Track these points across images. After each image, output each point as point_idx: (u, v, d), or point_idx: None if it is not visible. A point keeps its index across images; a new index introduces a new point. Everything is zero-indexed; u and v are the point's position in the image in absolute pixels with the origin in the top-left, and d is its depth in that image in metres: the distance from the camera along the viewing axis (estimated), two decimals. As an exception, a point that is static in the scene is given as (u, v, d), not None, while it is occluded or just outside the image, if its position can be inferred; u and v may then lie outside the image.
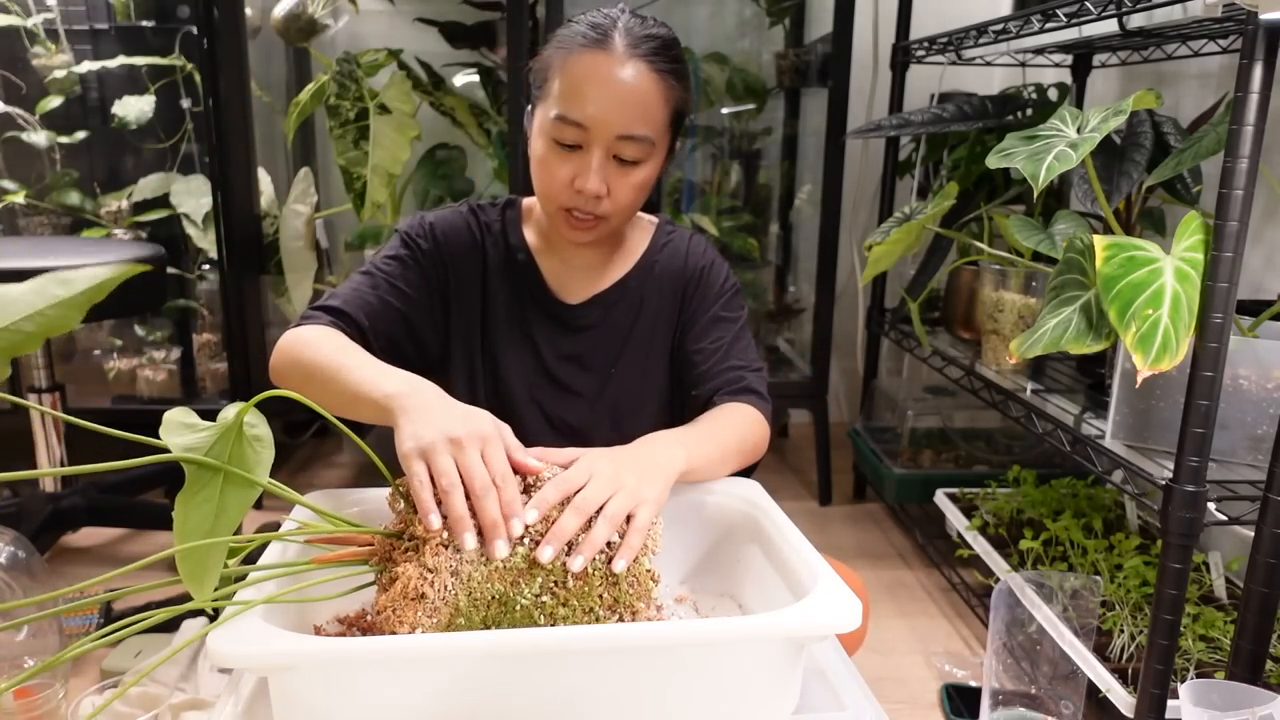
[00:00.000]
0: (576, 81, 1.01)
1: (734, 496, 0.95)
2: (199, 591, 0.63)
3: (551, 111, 1.02)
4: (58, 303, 0.59)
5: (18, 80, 2.19)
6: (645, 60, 1.01)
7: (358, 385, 0.89)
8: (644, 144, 1.03)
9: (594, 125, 1.00)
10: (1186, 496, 1.05)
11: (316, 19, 2.16)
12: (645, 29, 1.03)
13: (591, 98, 1.00)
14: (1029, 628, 1.24)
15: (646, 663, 0.69)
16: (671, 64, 1.04)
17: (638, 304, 1.18)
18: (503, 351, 1.16)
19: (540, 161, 1.05)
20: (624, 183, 1.04)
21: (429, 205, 2.26)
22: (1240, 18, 1.12)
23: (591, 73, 1.00)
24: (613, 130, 1.01)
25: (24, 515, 1.77)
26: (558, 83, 1.02)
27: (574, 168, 1.03)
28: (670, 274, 1.19)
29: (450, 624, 0.70)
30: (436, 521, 0.72)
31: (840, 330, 2.34)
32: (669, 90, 1.03)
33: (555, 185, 1.04)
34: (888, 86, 2.16)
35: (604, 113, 1.00)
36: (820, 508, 2.26)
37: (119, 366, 2.24)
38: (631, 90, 1.00)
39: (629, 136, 1.01)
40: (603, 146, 1.01)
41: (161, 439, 0.65)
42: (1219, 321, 1.01)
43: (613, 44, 1.01)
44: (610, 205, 1.05)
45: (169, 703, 1.12)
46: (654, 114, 1.03)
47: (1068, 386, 1.57)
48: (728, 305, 1.19)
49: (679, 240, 1.22)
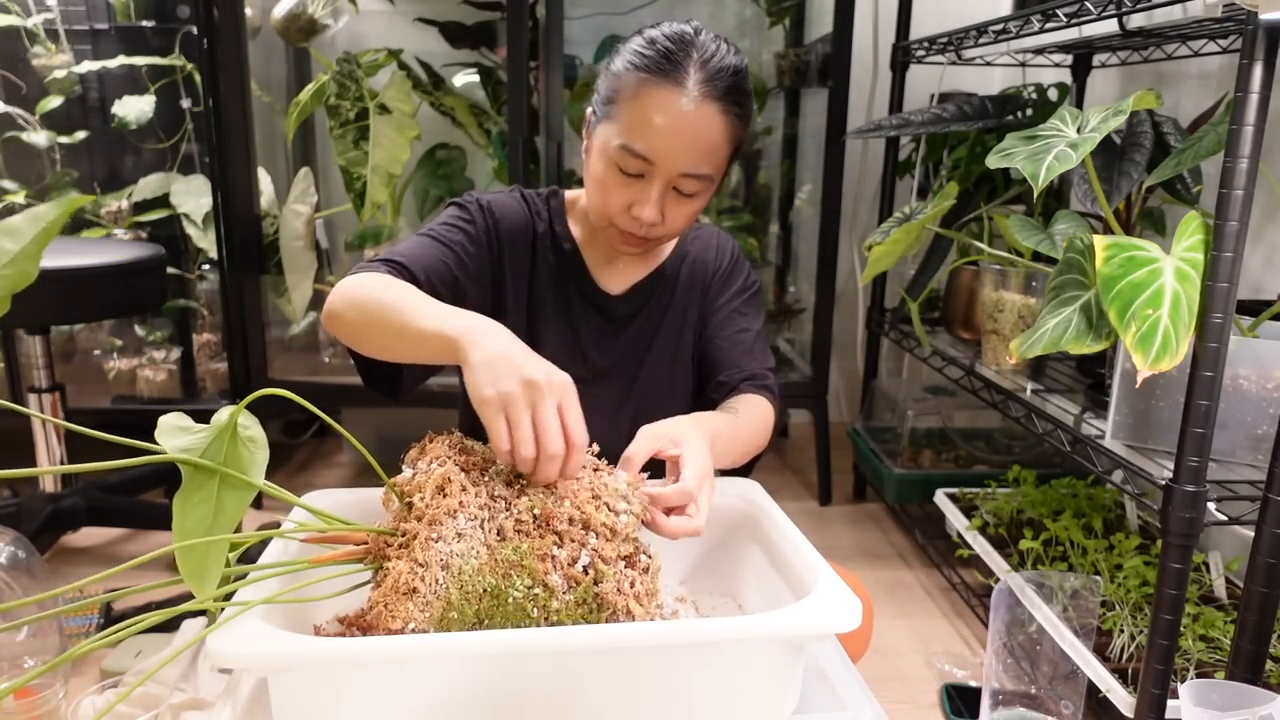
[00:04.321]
0: (647, 115, 0.99)
1: (734, 496, 0.95)
2: (200, 589, 0.63)
3: (616, 139, 1.01)
4: (11, 259, 0.57)
5: (18, 80, 2.19)
6: (718, 102, 1.00)
7: (425, 319, 0.85)
8: (705, 180, 1.04)
9: (660, 161, 1.00)
10: (1186, 496, 1.05)
11: (316, 19, 2.16)
12: (720, 59, 1.01)
13: (661, 135, 0.99)
14: (1029, 628, 1.23)
15: (646, 662, 0.69)
16: (742, 104, 1.03)
17: (670, 294, 1.21)
18: (544, 334, 1.17)
19: (598, 181, 1.05)
20: (679, 212, 1.05)
21: (429, 205, 2.26)
22: (1240, 18, 1.12)
23: (664, 109, 0.99)
24: (677, 169, 1.01)
25: (24, 515, 1.77)
26: (627, 110, 1.01)
27: (632, 194, 1.03)
28: (701, 265, 1.22)
29: (443, 618, 0.70)
30: (529, 450, 0.74)
31: (840, 330, 2.34)
32: (736, 130, 1.04)
33: (612, 207, 1.05)
34: (888, 86, 2.16)
35: (672, 152, 1.00)
36: (820, 508, 2.26)
37: (119, 366, 2.24)
38: (703, 134, 1.00)
39: (692, 175, 1.02)
40: (664, 180, 1.02)
41: (157, 442, 0.65)
42: (1219, 321, 1.01)
43: (687, 79, 0.99)
44: (663, 231, 1.07)
45: (169, 703, 1.12)
46: (719, 154, 1.03)
47: (1068, 386, 1.57)
48: (750, 302, 1.23)
49: (708, 234, 1.25)
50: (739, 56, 1.03)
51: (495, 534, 0.73)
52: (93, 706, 1.02)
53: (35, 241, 0.58)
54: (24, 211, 0.59)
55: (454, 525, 0.72)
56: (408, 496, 0.75)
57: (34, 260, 0.58)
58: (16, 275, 0.57)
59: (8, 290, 0.57)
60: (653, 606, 0.76)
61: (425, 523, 0.72)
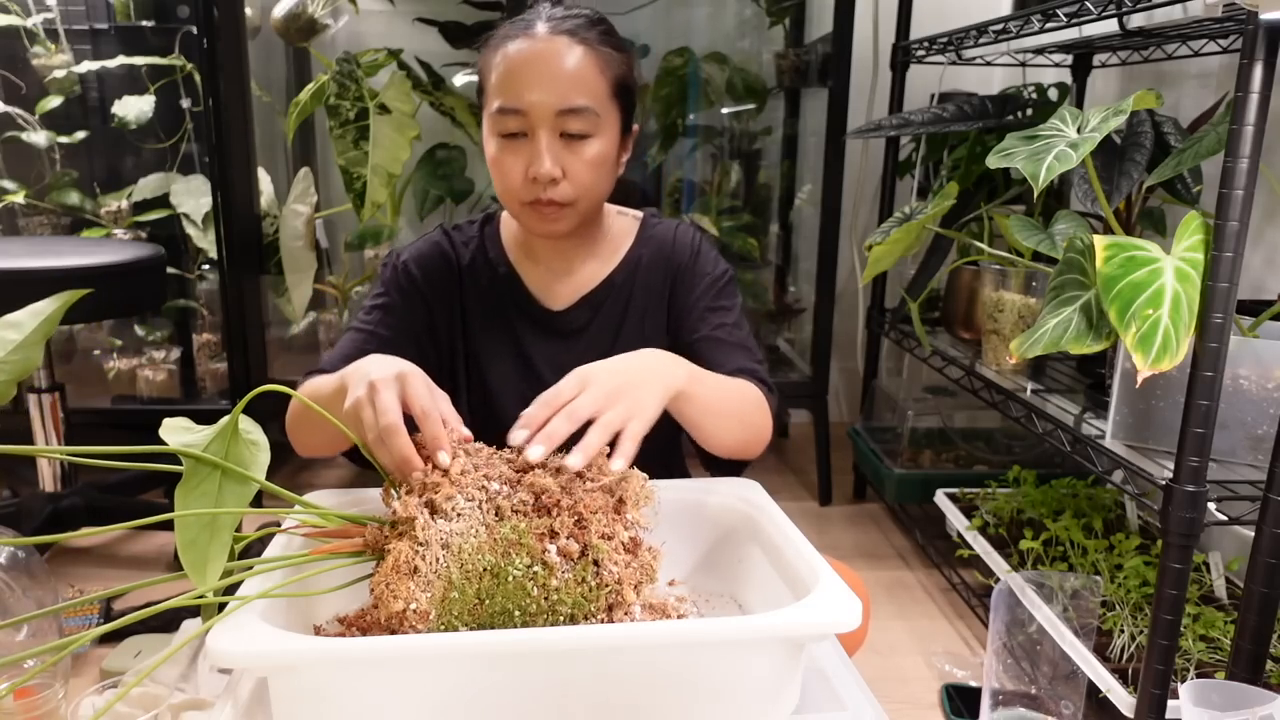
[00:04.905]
0: (507, 71, 1.02)
1: (734, 497, 0.94)
2: (201, 581, 0.64)
3: (492, 107, 1.03)
4: (15, 347, 0.63)
5: (18, 80, 2.19)
6: (569, 34, 1.02)
7: (326, 389, 0.91)
8: (587, 115, 1.02)
9: (531, 108, 1.01)
10: (1186, 496, 1.05)
11: (316, 19, 2.16)
12: (568, 11, 1.05)
13: (523, 81, 1.01)
14: (1029, 628, 1.23)
15: (646, 662, 0.69)
16: (598, 34, 1.04)
17: (625, 301, 1.16)
18: (494, 367, 1.16)
19: (494, 162, 1.06)
20: (578, 160, 1.03)
21: (429, 205, 2.26)
22: (1240, 18, 1.12)
23: (519, 58, 1.01)
24: (550, 107, 1.01)
25: (24, 515, 1.77)
26: (492, 78, 1.04)
27: (525, 157, 1.03)
28: (656, 266, 1.17)
29: (444, 597, 0.70)
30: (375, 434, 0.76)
31: (840, 330, 2.34)
32: (601, 58, 1.03)
33: (512, 180, 1.04)
34: (888, 86, 2.16)
35: (538, 92, 1.00)
36: (820, 508, 2.26)
37: (119, 366, 2.24)
38: (560, 64, 1.01)
39: (569, 110, 1.01)
40: (547, 127, 1.01)
41: (161, 438, 0.65)
42: (1219, 321, 1.01)
43: (535, 29, 1.03)
44: (570, 187, 1.04)
45: (169, 703, 1.12)
46: (590, 83, 1.02)
47: (1068, 386, 1.57)
48: (722, 293, 1.16)
49: (664, 231, 1.19)
50: (593, 10, 1.06)
51: (493, 514, 0.74)
52: (92, 706, 1.02)
53: (37, 331, 0.64)
54: (26, 308, 0.65)
55: (453, 505, 0.72)
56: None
57: (37, 348, 0.64)
58: (21, 362, 0.63)
59: (13, 376, 0.62)
60: (647, 590, 0.76)
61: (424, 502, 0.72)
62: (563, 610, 0.72)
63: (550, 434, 0.76)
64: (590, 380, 0.81)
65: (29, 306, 0.64)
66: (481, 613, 0.71)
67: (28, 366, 0.63)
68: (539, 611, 0.72)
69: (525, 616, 0.72)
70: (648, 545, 0.78)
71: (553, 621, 0.72)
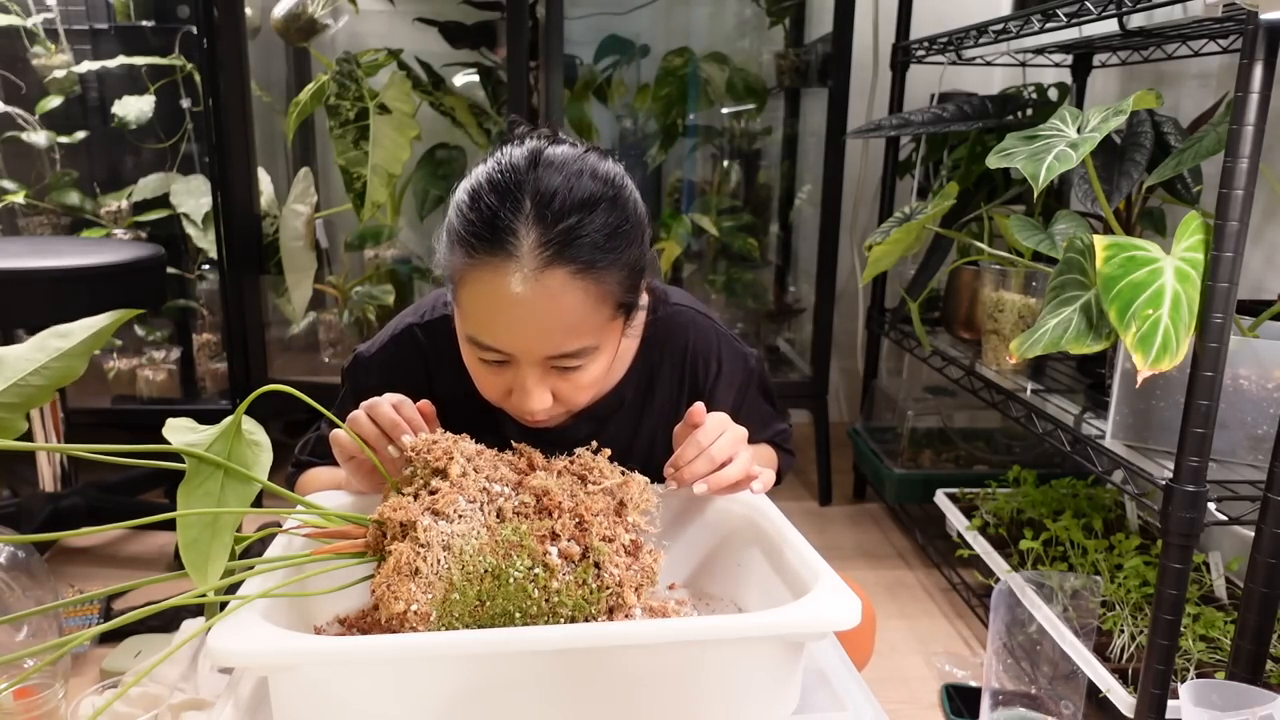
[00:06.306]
0: (481, 306, 0.83)
1: (734, 500, 0.94)
2: (203, 581, 0.64)
3: (463, 330, 0.87)
4: (60, 355, 0.62)
5: (18, 80, 2.19)
6: (564, 266, 0.80)
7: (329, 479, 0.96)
8: (584, 353, 0.86)
9: (516, 353, 0.84)
10: (1186, 496, 1.05)
11: (316, 19, 2.16)
12: (559, 202, 0.80)
13: (504, 328, 0.83)
14: (1029, 628, 1.24)
15: (646, 661, 0.69)
16: (602, 251, 0.81)
17: (637, 417, 1.06)
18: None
19: (469, 365, 0.90)
20: (572, 386, 0.88)
21: (429, 205, 2.26)
22: (1240, 18, 1.12)
23: (497, 296, 0.80)
24: (538, 355, 0.84)
25: (24, 515, 1.77)
26: (463, 298, 0.84)
27: (506, 382, 0.88)
28: (673, 380, 1.06)
29: (445, 599, 0.70)
30: (407, 441, 0.79)
31: (840, 330, 2.34)
32: (601, 289, 0.83)
33: (492, 397, 0.91)
34: (888, 86, 2.16)
35: (524, 342, 0.83)
36: (820, 508, 2.26)
37: (119, 366, 2.24)
38: (553, 314, 0.81)
39: (562, 355, 0.85)
40: (534, 367, 0.85)
41: (165, 437, 0.65)
42: (1219, 321, 1.01)
43: (518, 244, 0.79)
44: (563, 408, 0.91)
45: (169, 703, 1.12)
46: (588, 323, 0.84)
47: (1068, 386, 1.57)
48: (755, 387, 1.12)
49: (677, 333, 1.05)
50: (596, 183, 0.83)
51: (495, 515, 0.74)
52: (92, 706, 1.02)
53: (85, 343, 0.64)
54: (80, 320, 0.65)
55: (454, 506, 0.72)
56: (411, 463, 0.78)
57: (82, 359, 0.64)
58: (63, 370, 0.63)
59: (53, 384, 0.62)
60: (647, 594, 0.76)
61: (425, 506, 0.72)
62: (563, 612, 0.72)
63: (695, 473, 0.85)
64: (725, 425, 0.89)
65: (83, 320, 0.63)
66: (482, 614, 0.71)
67: (69, 375, 0.62)
68: (540, 613, 0.72)
69: (526, 618, 0.72)
70: (649, 548, 0.78)
71: (553, 623, 0.72)
